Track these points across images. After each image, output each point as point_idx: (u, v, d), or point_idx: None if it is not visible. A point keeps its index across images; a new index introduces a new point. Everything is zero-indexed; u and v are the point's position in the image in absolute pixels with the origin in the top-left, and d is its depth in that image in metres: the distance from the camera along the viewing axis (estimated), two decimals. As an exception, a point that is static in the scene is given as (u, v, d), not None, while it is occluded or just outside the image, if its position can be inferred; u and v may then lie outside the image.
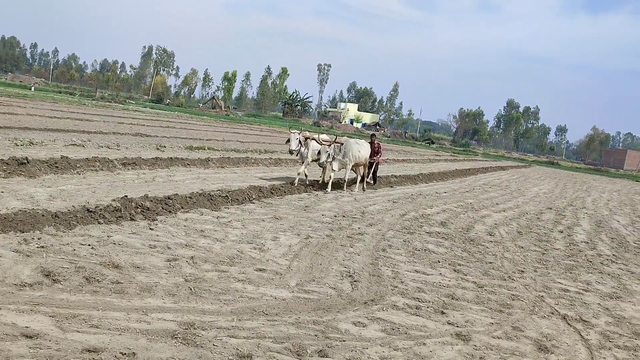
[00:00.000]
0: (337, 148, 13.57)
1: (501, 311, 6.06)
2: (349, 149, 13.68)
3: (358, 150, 14.01)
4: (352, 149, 13.77)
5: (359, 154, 14.03)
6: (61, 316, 4.25)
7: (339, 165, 13.76)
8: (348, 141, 14.08)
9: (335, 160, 13.56)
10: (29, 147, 13.09)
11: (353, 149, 13.83)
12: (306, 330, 4.68)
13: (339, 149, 13.61)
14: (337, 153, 13.55)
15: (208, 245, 6.99)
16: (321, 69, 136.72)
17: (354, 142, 14.20)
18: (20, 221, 6.50)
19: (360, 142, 14.61)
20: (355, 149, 13.94)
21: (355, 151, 13.89)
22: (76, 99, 52.43)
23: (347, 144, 13.80)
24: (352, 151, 13.74)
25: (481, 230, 11.26)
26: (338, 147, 13.63)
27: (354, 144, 14.05)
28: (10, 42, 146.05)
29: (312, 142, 13.75)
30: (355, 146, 14.03)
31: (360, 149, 14.18)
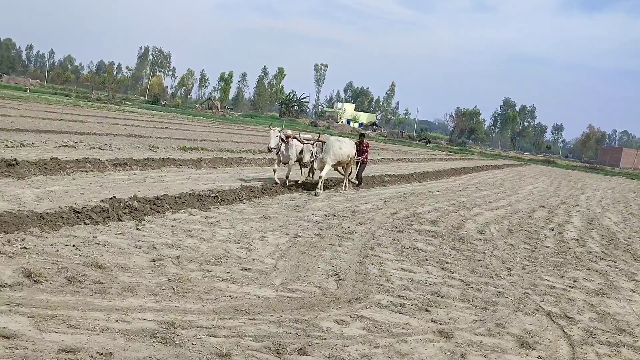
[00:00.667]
0: (319, 147, 13.18)
1: (486, 308, 6.07)
2: (329, 147, 13.22)
3: (339, 148, 13.49)
4: (332, 147, 13.26)
5: (340, 151, 13.48)
6: (40, 317, 4.24)
7: (319, 164, 13.33)
8: (329, 139, 13.63)
9: (317, 159, 13.20)
10: (19, 149, 13.06)
11: (334, 146, 13.32)
12: (287, 329, 4.68)
13: (321, 147, 13.20)
14: (319, 152, 13.16)
15: (194, 245, 6.99)
16: (318, 69, 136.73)
17: (335, 140, 13.73)
18: (4, 222, 6.47)
19: (341, 140, 14.15)
20: (337, 146, 13.41)
21: (337, 149, 13.36)
22: (71, 101, 52.34)
23: (328, 142, 13.35)
24: (332, 149, 13.23)
25: (472, 228, 11.28)
26: (320, 145, 13.21)
27: (335, 142, 13.57)
28: (6, 44, 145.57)
29: (294, 141, 13.31)
30: (337, 144, 13.53)
31: (342, 146, 13.68)
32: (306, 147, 13.01)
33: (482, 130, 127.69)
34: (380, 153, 37.04)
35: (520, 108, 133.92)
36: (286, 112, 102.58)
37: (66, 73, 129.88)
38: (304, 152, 13.00)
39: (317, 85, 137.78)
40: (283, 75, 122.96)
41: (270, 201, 11.26)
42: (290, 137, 13.33)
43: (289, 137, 13.33)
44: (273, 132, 13.04)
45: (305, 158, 13.00)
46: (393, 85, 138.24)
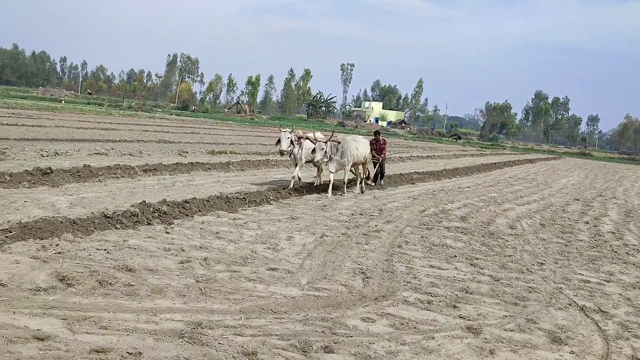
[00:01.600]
0: (334, 147, 12.47)
1: (516, 304, 5.97)
2: (346, 148, 12.55)
3: (356, 148, 12.86)
4: (349, 147, 12.62)
5: (357, 152, 12.87)
6: (72, 318, 4.36)
7: (336, 166, 12.63)
8: (345, 139, 12.96)
9: (333, 160, 12.50)
10: (54, 158, 13.45)
11: (351, 147, 12.68)
12: (313, 327, 4.70)
13: (336, 148, 12.50)
14: (335, 152, 12.44)
15: (222, 246, 7.08)
16: (344, 68, 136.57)
17: (351, 140, 13.05)
18: (39, 229, 6.68)
19: (358, 139, 13.50)
20: (353, 146, 12.78)
21: (353, 149, 12.73)
22: (104, 109, 53.58)
23: (344, 142, 12.69)
24: (349, 150, 12.59)
25: (502, 223, 11.10)
26: (335, 146, 12.51)
27: (352, 142, 12.92)
28: (41, 57, 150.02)
29: (305, 142, 12.68)
30: (353, 144, 12.89)
31: (359, 146, 13.06)
32: (318, 146, 12.24)
33: (514, 125, 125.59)
34: (410, 150, 36.79)
35: (553, 100, 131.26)
36: (314, 113, 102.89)
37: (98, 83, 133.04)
38: (316, 151, 12.21)
39: (344, 85, 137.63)
40: (310, 76, 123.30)
41: (297, 202, 11.31)
42: (302, 137, 12.79)
43: (300, 137, 12.81)
44: (284, 134, 12.44)
45: (317, 157, 12.21)
46: (421, 82, 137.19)
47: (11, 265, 5.43)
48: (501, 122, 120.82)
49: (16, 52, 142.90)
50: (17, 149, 14.27)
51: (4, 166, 11.13)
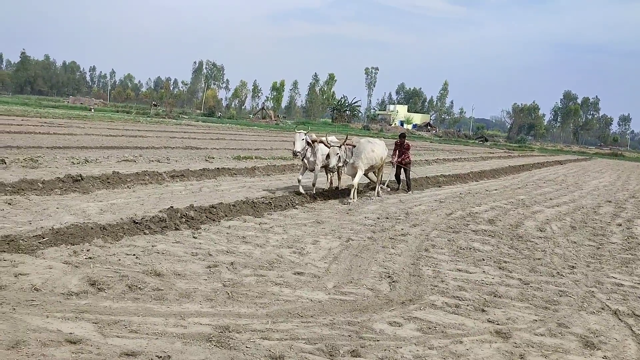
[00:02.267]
0: (348, 150, 12.00)
1: (547, 308, 5.86)
2: (361, 150, 12.07)
3: (372, 151, 12.36)
4: (364, 150, 12.12)
5: (372, 154, 12.37)
6: (103, 322, 4.44)
7: (350, 170, 12.18)
8: (359, 142, 12.52)
9: (347, 164, 12.07)
10: (84, 165, 13.74)
11: (366, 149, 12.18)
12: (340, 331, 4.69)
13: (350, 151, 12.03)
14: (349, 156, 12.01)
15: (249, 251, 7.13)
16: (368, 72, 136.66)
17: (366, 142, 12.55)
18: (71, 234, 6.83)
19: (373, 142, 12.89)
20: (369, 149, 12.28)
21: (368, 152, 12.23)
22: (132, 117, 54.54)
23: (359, 145, 12.22)
24: (364, 152, 12.09)
25: (531, 226, 10.93)
26: (350, 149, 12.06)
27: (367, 144, 12.41)
28: (71, 67, 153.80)
29: (320, 146, 12.13)
30: (369, 146, 12.36)
31: (375, 148, 12.53)
32: (332, 150, 11.73)
33: (542, 126, 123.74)
34: (436, 153, 36.51)
35: (583, 100, 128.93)
36: (338, 118, 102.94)
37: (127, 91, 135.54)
38: (330, 157, 11.68)
39: (368, 88, 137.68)
40: (334, 80, 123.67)
41: (323, 206, 11.32)
42: (316, 141, 12.24)
43: (314, 141, 12.25)
44: (298, 136, 11.98)
45: (332, 163, 11.66)
46: (446, 84, 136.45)
47: (44, 270, 5.56)
48: (529, 124, 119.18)
49: (48, 62, 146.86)
50: (49, 157, 14.63)
51: (37, 174, 11.43)
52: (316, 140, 12.22)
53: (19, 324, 4.22)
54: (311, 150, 12.17)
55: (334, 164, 11.67)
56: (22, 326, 4.19)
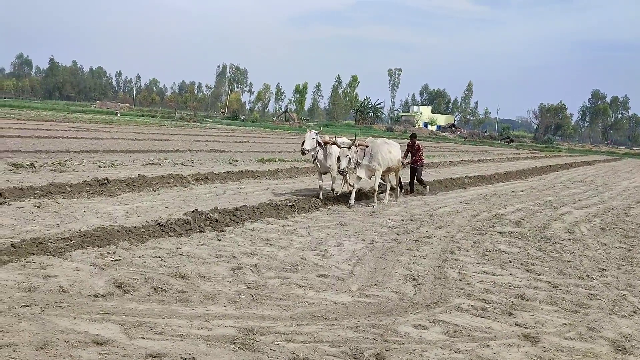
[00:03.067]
0: (360, 151, 11.41)
1: (576, 311, 5.73)
2: (376, 151, 11.47)
3: (388, 151, 11.79)
4: (380, 151, 11.53)
5: (389, 155, 11.78)
6: (129, 324, 4.48)
7: (366, 172, 11.54)
8: (374, 142, 11.85)
9: (361, 166, 11.41)
10: (110, 168, 13.94)
11: (382, 150, 11.59)
12: (364, 334, 4.65)
13: (363, 152, 11.44)
14: (362, 157, 11.40)
15: (272, 253, 7.13)
16: (392, 74, 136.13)
17: (382, 143, 11.91)
18: (98, 237, 6.93)
19: (389, 142, 12.30)
20: (385, 150, 11.70)
21: (385, 153, 11.64)
22: (157, 121, 55.25)
23: (373, 146, 11.60)
24: (380, 153, 11.49)
25: (559, 228, 10.71)
26: (362, 150, 11.46)
27: (383, 145, 11.80)
28: (98, 72, 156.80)
29: (332, 148, 11.65)
30: (385, 147, 11.80)
31: (391, 149, 11.98)
32: (342, 152, 11.12)
33: (570, 126, 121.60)
34: (460, 154, 36.14)
35: (612, 99, 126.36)
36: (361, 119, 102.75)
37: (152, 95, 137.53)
38: (340, 158, 11.08)
39: (391, 90, 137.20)
40: (357, 82, 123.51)
41: (346, 208, 11.27)
42: (328, 143, 11.75)
43: (327, 143, 11.76)
44: (309, 134, 11.57)
45: (342, 165, 11.04)
46: (470, 85, 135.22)
47: (72, 272, 5.64)
48: (556, 124, 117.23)
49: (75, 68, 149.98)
50: (76, 160, 14.89)
51: (65, 177, 11.64)
52: (328, 142, 11.76)
53: (48, 325, 4.28)
54: (323, 152, 11.74)
55: (344, 166, 11.07)
56: (51, 327, 4.25)
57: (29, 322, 4.32)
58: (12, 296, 4.84)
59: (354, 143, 11.33)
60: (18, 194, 9.27)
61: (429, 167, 23.42)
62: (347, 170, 11.40)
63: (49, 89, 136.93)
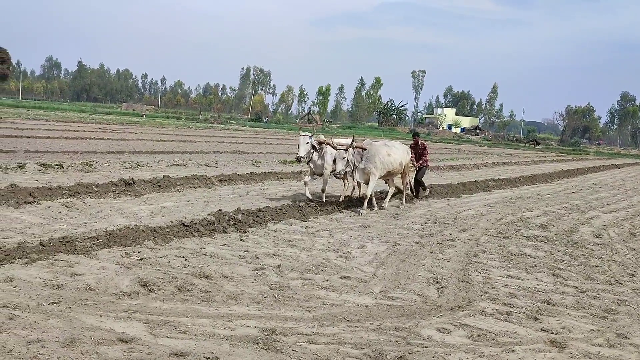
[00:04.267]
0: (357, 154, 10.69)
1: (604, 317, 5.61)
2: (374, 154, 10.74)
3: (387, 154, 10.98)
4: (378, 154, 10.80)
5: (388, 159, 10.97)
6: (154, 323, 4.53)
7: (362, 176, 10.87)
8: (373, 144, 11.04)
9: (357, 169, 10.73)
10: (136, 169, 14.14)
11: (380, 152, 10.85)
12: (387, 337, 4.62)
13: (360, 154, 10.73)
14: (359, 160, 10.69)
15: (295, 254, 7.14)
16: (415, 75, 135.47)
17: (381, 145, 11.17)
18: (123, 236, 7.03)
19: (390, 144, 11.48)
20: (383, 152, 10.92)
21: (383, 155, 10.87)
22: (182, 123, 55.88)
23: (371, 148, 10.85)
24: (378, 156, 10.76)
25: (587, 232, 10.51)
26: (359, 152, 10.74)
27: (382, 147, 11.06)
28: (124, 75, 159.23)
29: (327, 148, 11.00)
30: (383, 149, 11.01)
31: (391, 152, 11.14)
32: (338, 154, 10.39)
33: (598, 129, 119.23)
34: (485, 157, 35.74)
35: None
36: (385, 121, 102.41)
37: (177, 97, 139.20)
38: (336, 161, 10.39)
39: (415, 92, 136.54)
40: (380, 84, 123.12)
41: (369, 210, 11.23)
42: (323, 143, 11.17)
43: (322, 143, 11.18)
44: (302, 139, 10.90)
45: (338, 168, 10.33)
46: (495, 86, 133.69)
47: (98, 270, 5.73)
48: (583, 126, 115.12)
49: (103, 71, 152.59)
50: (103, 161, 15.15)
51: (92, 178, 11.84)
52: (323, 142, 11.17)
53: (75, 322, 4.36)
54: (318, 153, 11.16)
55: (340, 169, 10.34)
56: (78, 324, 4.33)
57: (57, 319, 4.40)
58: (41, 293, 4.94)
59: (352, 145, 10.62)
60: (47, 194, 9.47)
61: (453, 169, 23.25)
62: (342, 174, 10.57)
63: (77, 91, 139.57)
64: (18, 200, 8.79)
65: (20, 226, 7.33)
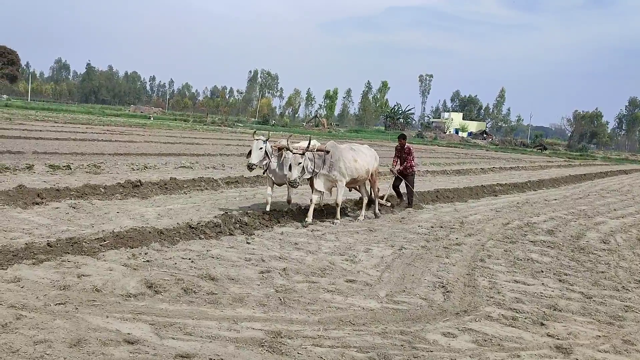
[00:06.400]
0: (318, 158, 9.46)
1: (611, 323, 5.58)
2: (338, 158, 9.53)
3: (353, 160, 9.78)
4: (343, 159, 9.57)
5: (354, 164, 9.76)
6: (159, 324, 4.55)
7: (325, 184, 9.62)
8: (337, 147, 9.79)
9: (319, 176, 9.49)
10: (143, 171, 14.21)
11: (345, 157, 9.63)
12: (392, 341, 4.62)
13: (322, 159, 9.51)
14: (321, 166, 9.49)
15: (301, 257, 7.15)
16: (422, 79, 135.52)
17: (346, 149, 9.93)
18: (130, 238, 7.06)
19: (357, 148, 10.29)
20: (349, 157, 9.72)
21: (349, 161, 9.67)
22: (189, 125, 56.09)
23: (335, 151, 9.61)
24: (343, 161, 9.56)
25: (594, 238, 10.45)
26: (320, 156, 9.50)
27: (347, 151, 9.84)
28: (132, 77, 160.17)
29: (289, 154, 9.47)
30: (349, 153, 9.83)
31: (358, 157, 9.97)
32: (293, 159, 9.12)
33: (605, 134, 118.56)
34: (492, 162, 35.64)
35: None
36: (391, 125, 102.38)
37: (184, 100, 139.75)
38: (291, 167, 9.13)
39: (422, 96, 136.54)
40: (387, 88, 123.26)
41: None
42: (282, 148, 9.81)
43: (280, 148, 9.85)
44: (255, 144, 9.65)
45: (292, 175, 9.06)
46: (503, 91, 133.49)
47: (105, 272, 5.76)
48: (591, 132, 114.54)
49: (111, 73, 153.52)
50: (110, 163, 15.23)
51: (99, 179, 11.91)
52: (283, 147, 9.74)
53: (81, 323, 4.38)
54: (277, 160, 9.87)
55: (296, 176, 9.05)
56: (84, 325, 4.35)
57: (64, 319, 4.43)
58: (48, 294, 4.97)
59: (308, 148, 9.40)
60: (55, 195, 9.53)
61: (459, 174, 23.19)
62: (297, 183, 9.19)
63: (86, 92, 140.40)
64: (26, 201, 8.86)
65: (28, 227, 7.38)
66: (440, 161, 30.50)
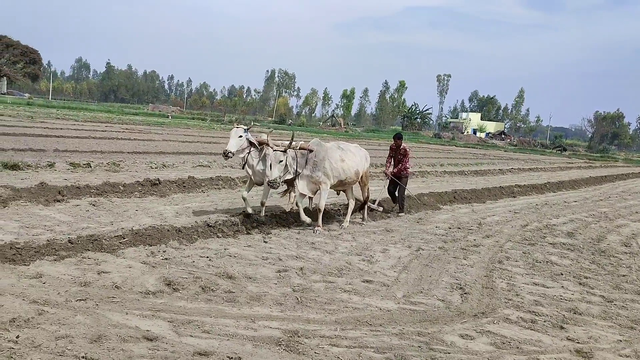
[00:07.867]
0: (301, 157, 8.66)
1: (632, 328, 5.50)
2: (322, 158, 8.71)
3: (340, 159, 8.93)
4: (329, 158, 8.77)
5: (341, 165, 8.92)
6: (178, 322, 4.59)
7: (308, 185, 8.74)
8: (322, 146, 8.94)
9: (302, 176, 8.66)
10: (161, 169, 14.33)
11: (331, 157, 8.81)
12: (410, 342, 4.60)
13: (304, 158, 8.71)
14: (304, 165, 8.67)
15: (318, 257, 7.16)
16: (440, 79, 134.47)
17: (333, 148, 9.07)
18: (149, 236, 7.13)
19: (345, 147, 9.37)
20: (335, 157, 8.88)
21: (335, 161, 8.85)
22: (207, 124, 56.42)
23: (320, 150, 8.79)
24: (328, 161, 8.75)
25: (615, 240, 10.30)
26: (303, 155, 8.69)
27: (334, 150, 9.00)
28: (151, 76, 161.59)
29: (270, 150, 8.54)
30: (336, 152, 8.97)
31: (346, 156, 9.10)
32: (274, 156, 8.31)
33: (627, 135, 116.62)
34: (510, 163, 35.29)
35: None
36: (409, 125, 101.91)
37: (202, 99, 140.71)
38: (272, 166, 8.27)
39: (440, 96, 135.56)
40: (404, 88, 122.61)
41: (392, 214, 11.18)
42: (264, 144, 8.90)
43: (262, 143, 8.92)
44: (234, 131, 8.79)
45: (273, 174, 8.22)
46: (522, 91, 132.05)
47: (124, 269, 5.83)
48: (612, 133, 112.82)
49: (130, 72, 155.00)
50: (129, 161, 15.38)
51: (119, 177, 12.03)
52: (264, 142, 8.88)
53: (101, 319, 4.44)
54: (257, 155, 9.02)
55: (276, 175, 8.23)
56: (104, 321, 4.41)
57: (84, 315, 4.49)
58: (69, 290, 5.04)
59: (290, 145, 8.59)
60: (75, 192, 9.66)
61: (477, 174, 23.00)
62: (277, 183, 8.34)
63: (105, 91, 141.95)
64: (48, 198, 8.99)
65: (50, 224, 7.49)
66: (458, 162, 30.27)
